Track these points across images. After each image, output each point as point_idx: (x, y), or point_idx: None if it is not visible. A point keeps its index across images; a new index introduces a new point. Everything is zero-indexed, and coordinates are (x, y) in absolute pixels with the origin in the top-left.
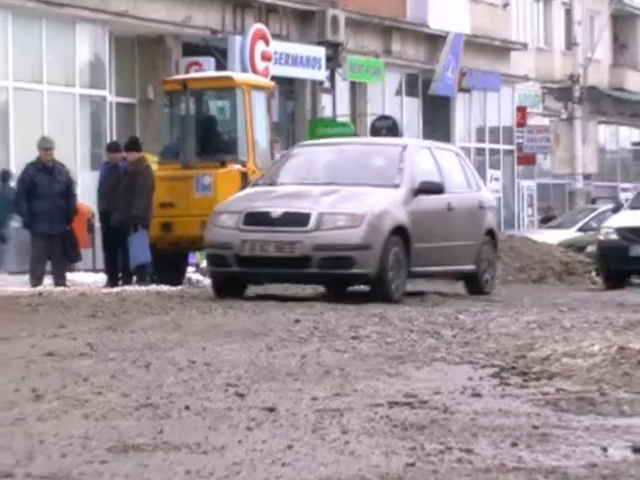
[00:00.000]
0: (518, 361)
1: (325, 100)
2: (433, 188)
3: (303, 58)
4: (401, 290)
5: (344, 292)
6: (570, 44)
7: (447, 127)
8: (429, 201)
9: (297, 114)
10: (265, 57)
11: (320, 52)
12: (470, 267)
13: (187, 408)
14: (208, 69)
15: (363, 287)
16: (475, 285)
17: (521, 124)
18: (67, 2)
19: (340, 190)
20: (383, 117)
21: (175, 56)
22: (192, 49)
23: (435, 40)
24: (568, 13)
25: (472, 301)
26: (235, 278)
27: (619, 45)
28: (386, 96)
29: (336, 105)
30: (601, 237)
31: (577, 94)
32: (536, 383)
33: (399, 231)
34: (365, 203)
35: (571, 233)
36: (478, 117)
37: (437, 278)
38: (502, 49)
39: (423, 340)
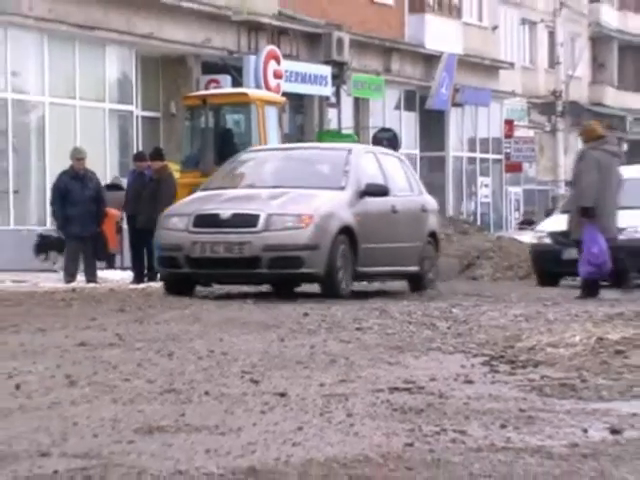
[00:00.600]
0: (506, 351)
1: (331, 114)
2: (378, 190)
3: (311, 76)
4: (349, 289)
5: (292, 291)
6: (553, 63)
7: (442, 138)
8: (374, 203)
9: (306, 126)
10: (277, 75)
11: (326, 70)
12: (414, 268)
13: (206, 393)
14: (225, 86)
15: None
16: (417, 284)
17: (509, 135)
18: (97, 25)
19: (288, 192)
20: (384, 129)
21: (195, 74)
22: (211, 68)
23: (431, 60)
24: (551, 35)
25: (464, 296)
26: (186, 279)
27: (598, 64)
28: (386, 110)
29: (341, 118)
30: (535, 240)
31: (559, 108)
32: (523, 370)
33: (346, 231)
34: (312, 204)
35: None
36: (470, 129)
37: (381, 279)
38: (491, 68)
39: (420, 331)
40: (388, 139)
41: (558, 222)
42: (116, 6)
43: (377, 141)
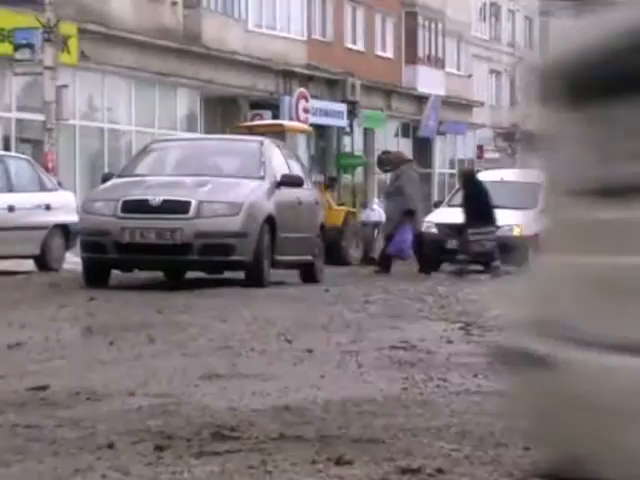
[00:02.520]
0: (479, 319)
1: (346, 140)
2: (294, 181)
3: (331, 111)
4: (269, 277)
5: (182, 279)
6: (514, 102)
7: (430, 159)
8: (286, 194)
9: (327, 150)
10: (305, 110)
11: (343, 107)
12: (309, 257)
13: (252, 349)
14: (266, 118)
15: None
16: (309, 274)
17: (480, 157)
18: (171, 73)
19: (212, 180)
20: (385, 152)
21: (244, 110)
22: (256, 105)
23: (421, 100)
24: (512, 82)
25: (447, 277)
26: (111, 264)
27: None
28: (387, 137)
29: (354, 144)
30: (423, 229)
31: (518, 137)
32: (490, 333)
33: (269, 220)
34: (241, 193)
35: None
36: (451, 152)
37: (280, 268)
38: (467, 106)
39: (413, 304)
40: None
41: (444, 215)
42: (185, 58)
43: (380, 160)
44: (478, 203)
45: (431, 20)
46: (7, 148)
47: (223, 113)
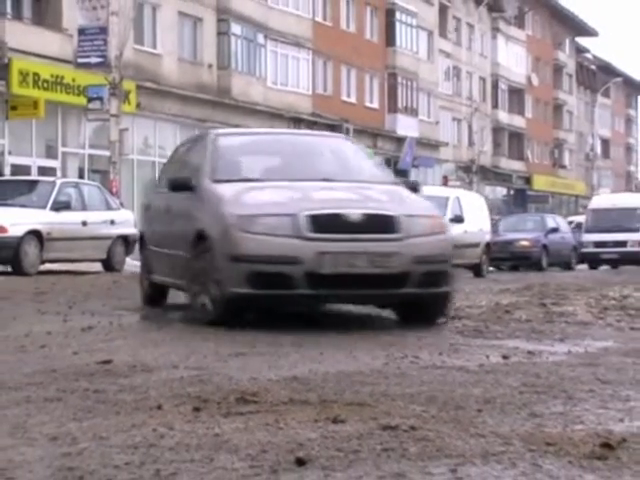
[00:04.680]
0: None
1: None
2: (459, 219)
3: None
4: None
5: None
6: (471, 142)
7: None
8: None
9: None
10: None
11: None
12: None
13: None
14: None
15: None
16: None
17: (445, 184)
18: (207, 119)
19: (367, 187)
20: None
21: None
22: None
23: (400, 140)
24: (470, 127)
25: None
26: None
27: (497, 143)
28: None
29: None
30: None
31: (474, 169)
32: (452, 321)
33: None
34: (421, 205)
35: None
36: (422, 181)
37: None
38: (435, 145)
39: None
40: None
41: None
42: (218, 108)
43: None
44: None
45: (408, 79)
46: (81, 177)
47: None
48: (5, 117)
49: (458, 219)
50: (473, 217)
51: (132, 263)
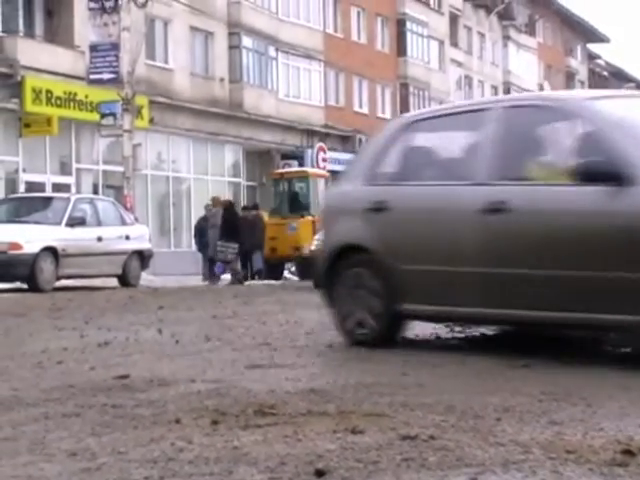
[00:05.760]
0: None
1: None
2: None
3: (344, 161)
4: None
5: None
6: None
7: None
8: None
9: None
10: (324, 160)
11: (352, 157)
12: None
13: (285, 345)
14: (294, 166)
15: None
16: None
17: None
18: (220, 132)
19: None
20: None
21: (276, 160)
22: (285, 156)
23: None
24: None
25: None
26: None
27: None
28: None
29: None
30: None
31: None
32: (470, 330)
33: None
34: None
35: None
36: None
37: None
38: None
39: None
40: None
41: None
42: (231, 121)
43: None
44: (230, 225)
45: (419, 89)
46: (96, 192)
47: (260, 163)
48: (19, 135)
49: None
50: None
51: (147, 278)
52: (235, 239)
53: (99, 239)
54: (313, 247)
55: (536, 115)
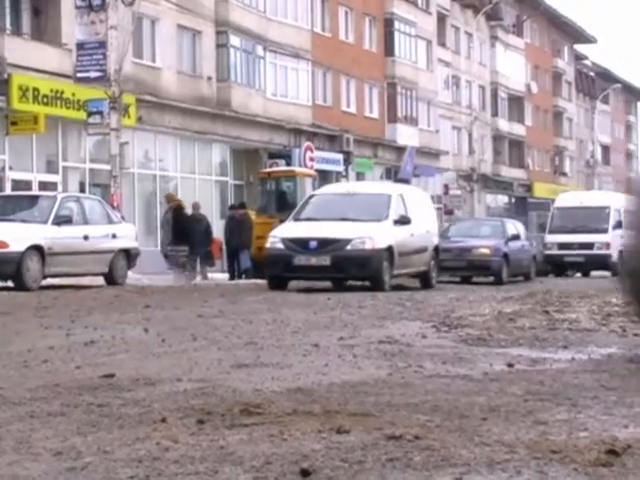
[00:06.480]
0: (445, 319)
1: (343, 181)
2: (405, 220)
3: (331, 160)
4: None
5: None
6: (471, 151)
7: None
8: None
9: None
10: (311, 159)
11: (340, 157)
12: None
13: (272, 344)
14: (281, 166)
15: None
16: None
17: (446, 193)
18: (207, 131)
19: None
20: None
21: (264, 159)
22: (273, 155)
23: (400, 150)
24: (470, 135)
25: (421, 288)
26: None
27: (497, 151)
28: (375, 179)
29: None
30: (268, 245)
31: (475, 178)
32: (455, 330)
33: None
34: None
35: None
36: (423, 190)
37: None
38: (435, 154)
39: (395, 308)
40: None
41: (290, 229)
42: (218, 120)
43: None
44: (179, 228)
45: (407, 89)
46: (82, 191)
47: (247, 162)
48: (5, 133)
49: (404, 220)
50: (420, 217)
51: (134, 277)
52: (184, 242)
53: (86, 238)
54: (268, 244)
55: None
